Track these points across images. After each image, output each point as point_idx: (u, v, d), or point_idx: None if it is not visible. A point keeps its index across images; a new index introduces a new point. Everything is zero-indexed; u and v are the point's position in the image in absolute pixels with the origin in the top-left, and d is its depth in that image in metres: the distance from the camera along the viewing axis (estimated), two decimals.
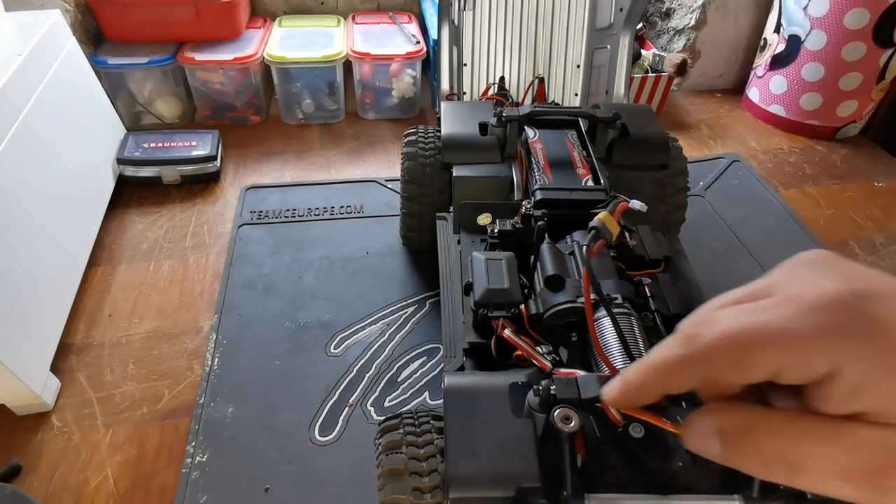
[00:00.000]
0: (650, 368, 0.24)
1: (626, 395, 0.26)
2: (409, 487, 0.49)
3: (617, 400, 0.26)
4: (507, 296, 0.59)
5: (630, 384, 0.25)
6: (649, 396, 0.25)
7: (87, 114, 1.12)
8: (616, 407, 0.27)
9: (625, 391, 0.26)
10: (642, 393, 0.25)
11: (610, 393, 0.26)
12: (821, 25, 1.33)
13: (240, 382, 0.85)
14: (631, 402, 0.26)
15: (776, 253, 1.11)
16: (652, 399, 0.25)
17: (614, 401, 0.26)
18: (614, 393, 0.26)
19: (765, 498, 0.39)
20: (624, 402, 0.26)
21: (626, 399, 0.26)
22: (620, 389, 0.26)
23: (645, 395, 0.25)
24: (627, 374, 0.25)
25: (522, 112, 0.84)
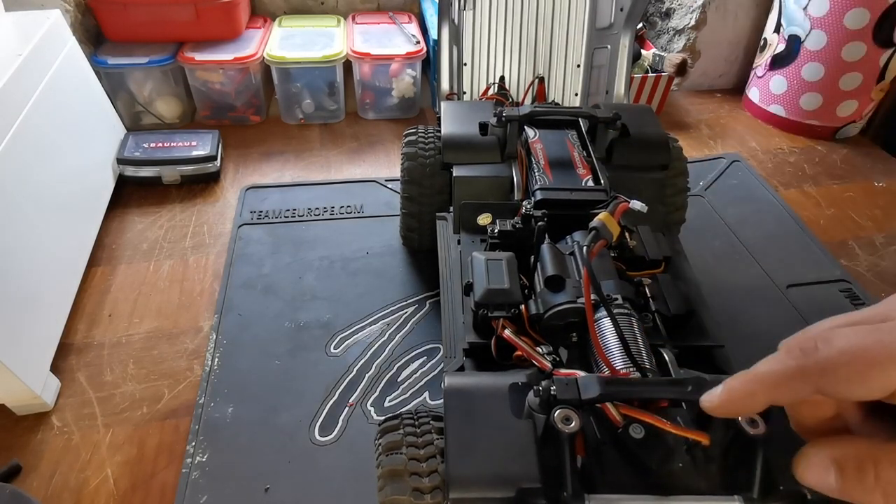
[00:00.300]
0: (760, 378, 0.25)
1: (730, 403, 0.26)
2: (409, 488, 0.48)
3: (717, 407, 0.27)
4: (508, 296, 0.59)
5: (736, 392, 0.26)
6: (754, 405, 0.25)
7: (87, 114, 1.12)
8: (714, 413, 0.27)
9: (729, 399, 0.26)
10: (748, 401, 0.25)
11: (711, 401, 0.27)
12: (821, 25, 1.33)
13: (240, 382, 0.85)
14: (732, 411, 0.26)
15: (776, 253, 1.11)
16: (755, 408, 0.25)
17: (714, 408, 0.27)
18: (716, 401, 0.26)
19: (765, 499, 0.39)
20: (724, 410, 0.26)
21: (729, 407, 0.26)
22: (724, 397, 0.26)
23: (751, 403, 0.25)
24: (732, 383, 0.26)
25: (522, 112, 0.84)
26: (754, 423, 0.39)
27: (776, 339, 0.30)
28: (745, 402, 0.26)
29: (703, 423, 0.42)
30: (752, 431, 0.38)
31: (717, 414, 0.27)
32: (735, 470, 0.40)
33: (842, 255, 1.13)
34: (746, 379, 0.25)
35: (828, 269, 1.08)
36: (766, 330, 0.94)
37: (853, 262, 1.11)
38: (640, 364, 0.48)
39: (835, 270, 1.08)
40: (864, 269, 1.10)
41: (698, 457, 0.41)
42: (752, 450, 0.39)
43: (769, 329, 0.94)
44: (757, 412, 0.27)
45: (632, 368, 0.48)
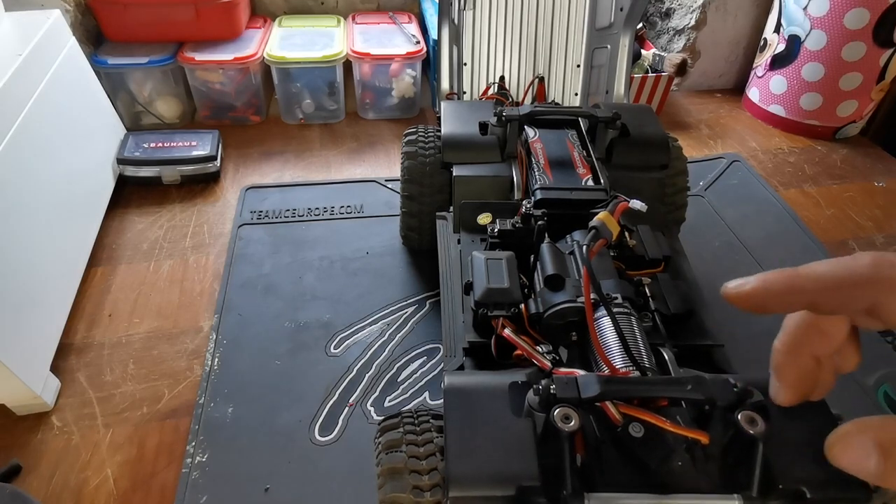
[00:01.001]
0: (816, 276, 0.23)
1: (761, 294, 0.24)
2: (408, 486, 0.48)
3: (744, 295, 0.24)
4: (507, 295, 0.59)
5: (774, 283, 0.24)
6: (790, 303, 0.24)
7: (87, 114, 1.12)
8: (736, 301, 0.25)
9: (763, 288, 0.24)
10: (787, 297, 0.24)
11: (739, 287, 0.25)
12: (821, 25, 1.33)
13: (240, 382, 0.85)
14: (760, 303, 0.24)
15: (776, 253, 1.11)
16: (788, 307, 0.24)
17: (740, 295, 0.25)
18: (746, 288, 0.25)
19: (764, 497, 0.39)
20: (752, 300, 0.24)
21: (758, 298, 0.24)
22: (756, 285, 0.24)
23: (787, 300, 0.24)
24: (769, 275, 0.24)
25: (522, 112, 0.84)
26: (754, 422, 0.39)
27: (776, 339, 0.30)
28: (781, 296, 0.24)
29: (703, 422, 0.42)
30: (751, 430, 0.38)
31: (737, 300, 0.25)
32: (734, 468, 0.40)
33: (842, 255, 1.12)
34: (793, 273, 0.24)
35: None
36: (766, 330, 0.93)
37: None
38: (639, 363, 0.48)
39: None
40: None
41: (698, 455, 0.41)
42: (751, 448, 0.39)
43: (769, 329, 0.93)
44: (782, 311, 0.24)
45: (631, 367, 0.48)
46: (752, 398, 0.40)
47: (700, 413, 0.42)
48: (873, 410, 0.84)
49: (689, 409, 0.43)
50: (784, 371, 0.27)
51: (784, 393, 0.27)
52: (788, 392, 0.27)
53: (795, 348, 0.26)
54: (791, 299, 0.25)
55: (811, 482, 0.38)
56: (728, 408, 0.40)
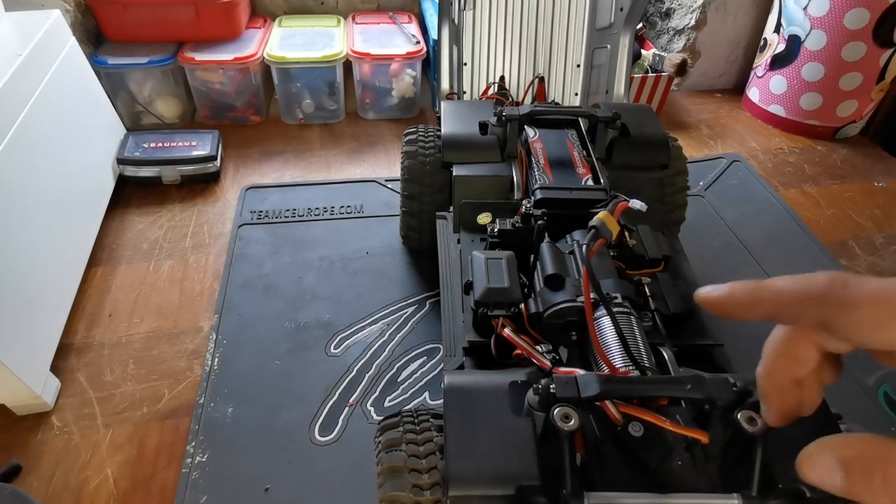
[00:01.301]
0: (776, 289, 0.25)
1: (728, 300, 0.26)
2: (408, 484, 0.49)
3: (711, 300, 0.27)
4: (507, 295, 0.59)
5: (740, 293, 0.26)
6: (753, 312, 0.26)
7: (87, 114, 1.12)
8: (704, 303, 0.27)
9: (729, 296, 0.26)
10: (749, 306, 0.26)
11: (708, 293, 0.27)
12: (821, 25, 1.33)
13: (240, 382, 0.85)
14: (725, 308, 0.27)
15: (776, 253, 1.11)
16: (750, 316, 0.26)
17: (707, 300, 0.27)
18: (714, 294, 0.27)
19: (764, 497, 0.39)
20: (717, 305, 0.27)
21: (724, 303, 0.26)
22: (724, 293, 0.26)
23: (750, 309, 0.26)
24: (737, 285, 0.26)
25: (522, 111, 0.84)
26: (753, 422, 0.39)
27: None
28: (744, 305, 0.26)
29: (703, 421, 0.42)
30: (751, 430, 0.38)
31: (707, 305, 0.27)
32: (734, 468, 0.40)
33: (842, 255, 1.13)
34: (756, 285, 0.26)
35: (828, 269, 1.08)
36: (765, 330, 0.93)
37: (853, 262, 1.11)
38: (639, 362, 0.48)
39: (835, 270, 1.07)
40: (864, 269, 1.10)
41: (697, 455, 0.41)
42: (751, 448, 0.39)
43: (769, 329, 0.93)
44: (745, 318, 0.27)
45: (631, 367, 0.48)
46: (751, 397, 0.40)
47: (700, 412, 0.42)
48: (873, 410, 0.84)
49: (688, 409, 0.43)
50: (767, 395, 0.29)
51: (771, 415, 0.30)
52: (775, 414, 0.30)
53: (773, 373, 0.28)
54: (752, 308, 0.27)
55: None
56: (728, 407, 0.40)
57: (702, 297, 0.28)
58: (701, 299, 0.28)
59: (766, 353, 0.28)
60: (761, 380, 0.29)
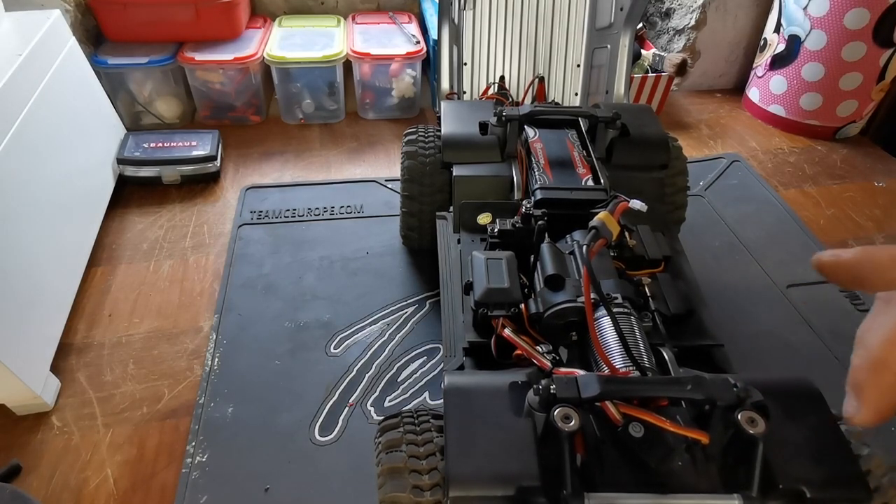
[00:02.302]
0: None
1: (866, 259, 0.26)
2: (408, 485, 0.49)
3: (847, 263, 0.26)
4: (507, 295, 0.59)
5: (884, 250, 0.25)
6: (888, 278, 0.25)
7: (87, 114, 1.12)
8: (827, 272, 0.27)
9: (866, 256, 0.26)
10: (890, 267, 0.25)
11: (837, 255, 0.26)
12: (821, 25, 1.33)
13: (240, 382, 0.85)
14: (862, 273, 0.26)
15: (776, 253, 1.11)
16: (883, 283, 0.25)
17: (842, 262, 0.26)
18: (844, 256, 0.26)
19: (764, 497, 0.39)
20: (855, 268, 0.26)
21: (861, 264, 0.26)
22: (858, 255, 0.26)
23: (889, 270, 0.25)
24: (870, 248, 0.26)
25: (522, 111, 0.84)
26: (754, 422, 0.39)
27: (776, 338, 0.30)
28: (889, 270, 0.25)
29: (703, 421, 0.42)
30: (751, 430, 0.38)
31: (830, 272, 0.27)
32: (734, 468, 0.40)
33: None
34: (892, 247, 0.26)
35: None
36: (765, 330, 0.94)
37: None
38: (639, 363, 0.48)
39: None
40: None
41: (698, 455, 0.41)
42: (751, 448, 0.39)
43: (769, 329, 0.94)
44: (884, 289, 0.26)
45: (631, 367, 0.48)
46: (751, 398, 0.40)
47: (700, 413, 0.42)
48: None
49: (689, 409, 0.43)
50: (867, 389, 0.26)
51: (865, 413, 0.26)
52: (870, 412, 0.26)
53: (881, 366, 0.25)
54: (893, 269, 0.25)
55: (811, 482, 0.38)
56: (728, 408, 0.40)
57: (828, 260, 0.26)
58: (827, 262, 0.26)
59: (874, 343, 0.25)
60: (861, 373, 0.26)
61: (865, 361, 0.25)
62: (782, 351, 0.91)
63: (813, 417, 0.42)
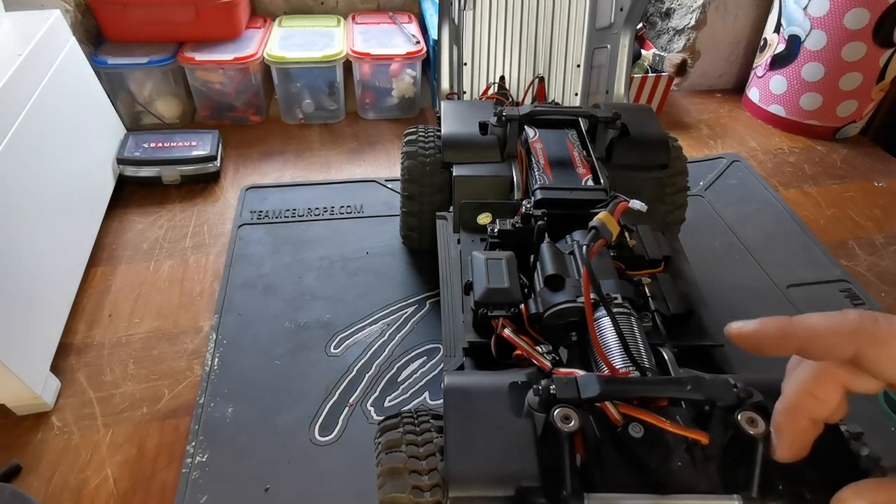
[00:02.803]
0: (807, 325, 0.26)
1: (759, 335, 0.27)
2: (408, 485, 0.49)
3: (742, 336, 0.27)
4: (507, 295, 0.59)
5: (771, 328, 0.27)
6: (783, 347, 0.26)
7: (87, 114, 1.12)
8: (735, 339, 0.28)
9: (760, 331, 0.27)
10: (780, 340, 0.27)
11: (740, 328, 0.28)
12: (821, 25, 1.33)
13: (240, 382, 0.85)
14: (755, 344, 0.27)
15: (776, 253, 1.11)
16: (780, 351, 0.26)
17: (738, 335, 0.27)
18: (746, 329, 0.27)
19: (764, 498, 0.39)
20: (749, 340, 0.27)
21: (755, 338, 0.27)
22: (755, 328, 0.27)
23: (780, 344, 0.27)
24: (768, 321, 0.27)
25: (523, 112, 0.84)
26: (754, 423, 0.39)
27: None
28: (776, 339, 0.27)
29: (703, 422, 0.42)
30: (751, 430, 0.38)
31: (738, 341, 0.28)
32: (734, 469, 0.40)
33: (842, 255, 1.13)
34: (787, 321, 0.26)
35: (828, 269, 1.08)
36: None
37: (853, 262, 1.11)
38: (639, 363, 0.48)
39: (835, 270, 1.08)
40: (863, 269, 1.10)
41: (697, 456, 0.41)
42: (751, 449, 0.39)
43: None
44: (775, 353, 0.27)
45: (631, 367, 0.48)
46: (751, 398, 0.40)
47: (700, 413, 0.42)
48: (873, 410, 0.84)
49: (688, 410, 0.43)
50: (783, 432, 0.30)
51: (782, 450, 0.30)
52: (786, 450, 0.30)
53: (794, 412, 0.29)
54: (784, 343, 0.27)
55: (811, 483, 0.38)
56: (728, 408, 0.40)
57: (733, 332, 0.28)
58: (732, 334, 0.28)
59: (789, 392, 0.28)
60: (780, 416, 0.29)
61: (780, 409, 0.29)
62: None
63: None
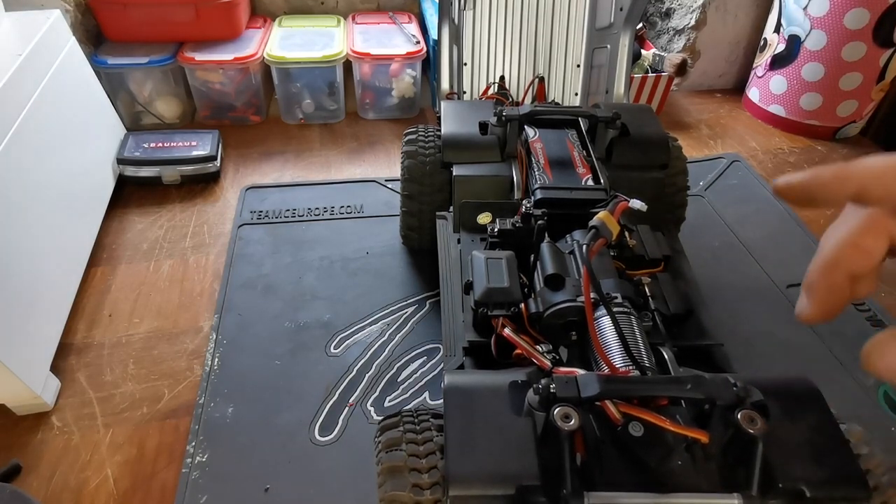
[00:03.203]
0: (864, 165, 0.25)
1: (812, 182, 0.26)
2: (408, 484, 0.49)
3: (795, 184, 0.26)
4: (507, 295, 0.59)
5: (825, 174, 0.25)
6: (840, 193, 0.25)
7: (87, 114, 1.12)
8: (788, 191, 0.27)
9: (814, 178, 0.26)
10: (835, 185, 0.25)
11: (791, 179, 0.27)
12: (821, 25, 1.33)
13: (240, 382, 0.85)
14: (809, 192, 0.26)
15: (776, 253, 1.11)
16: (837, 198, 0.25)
17: (791, 185, 0.27)
18: (799, 178, 0.26)
19: (764, 496, 0.39)
20: (801, 188, 0.26)
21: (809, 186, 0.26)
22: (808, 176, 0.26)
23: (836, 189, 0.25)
24: (818, 169, 0.26)
25: (523, 111, 0.84)
26: (754, 421, 0.39)
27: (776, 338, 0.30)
28: (830, 185, 0.25)
29: (703, 421, 0.42)
30: (751, 429, 0.38)
31: (787, 193, 0.27)
32: (734, 468, 0.40)
33: None
34: (842, 165, 0.25)
35: None
36: (765, 330, 0.94)
37: None
38: (639, 362, 0.48)
39: None
40: None
41: (697, 455, 0.41)
42: (751, 447, 0.39)
43: (769, 329, 0.94)
44: (830, 201, 0.26)
45: (631, 367, 0.48)
46: (751, 397, 0.40)
47: (700, 412, 0.42)
48: (873, 410, 0.84)
49: (688, 409, 0.43)
50: (818, 287, 0.27)
51: (812, 308, 0.27)
52: (816, 307, 0.27)
53: (834, 265, 0.26)
54: (840, 187, 0.26)
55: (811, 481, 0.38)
56: (728, 407, 0.40)
57: (781, 185, 0.27)
58: (781, 188, 0.27)
59: (832, 244, 0.26)
60: (816, 272, 0.27)
61: (819, 262, 0.27)
62: (782, 351, 0.91)
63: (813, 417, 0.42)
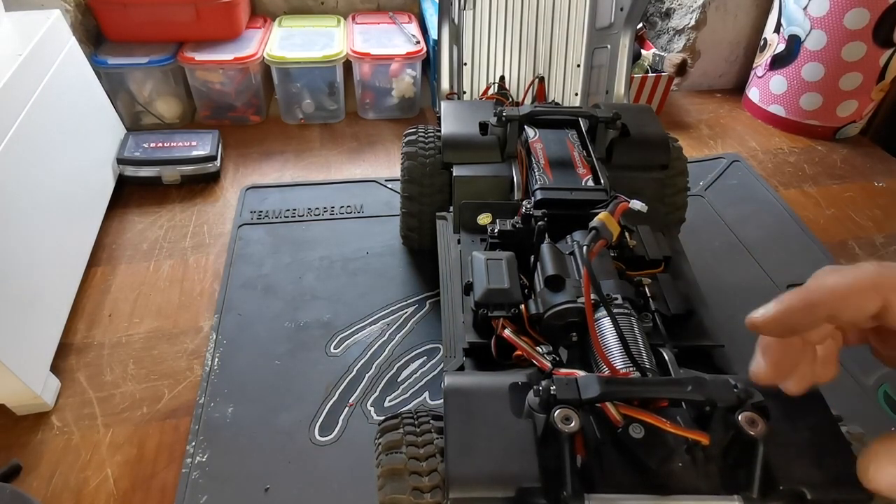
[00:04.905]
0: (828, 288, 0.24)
1: (785, 316, 0.25)
2: (408, 487, 0.48)
3: (767, 322, 0.25)
4: (507, 296, 0.59)
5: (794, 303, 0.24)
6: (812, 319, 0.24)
7: (87, 114, 1.12)
8: (762, 329, 0.26)
9: (786, 311, 0.25)
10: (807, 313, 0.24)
11: (763, 315, 0.26)
12: (821, 25, 1.33)
13: (240, 382, 0.85)
14: (785, 325, 0.25)
15: (776, 253, 1.11)
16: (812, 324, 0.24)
17: (764, 323, 0.25)
18: (769, 314, 0.25)
19: (765, 498, 0.39)
20: (776, 324, 0.25)
21: (783, 320, 0.25)
22: (778, 309, 0.25)
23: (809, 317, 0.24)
24: (786, 297, 0.25)
25: (523, 112, 0.84)
26: (754, 423, 0.39)
27: None
28: (803, 314, 0.25)
29: (703, 422, 0.42)
30: (752, 431, 0.38)
31: (766, 328, 0.26)
32: (735, 469, 0.40)
33: (842, 255, 1.13)
34: (805, 291, 0.24)
35: None
36: None
37: (853, 262, 1.11)
38: (639, 364, 0.48)
39: None
40: None
41: (698, 456, 0.41)
42: (752, 449, 0.39)
43: None
44: (808, 330, 0.25)
45: (632, 368, 0.48)
46: (752, 399, 0.40)
47: (700, 414, 0.42)
48: (873, 410, 0.84)
49: (689, 410, 0.43)
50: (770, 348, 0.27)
51: (765, 371, 0.28)
52: (770, 370, 0.28)
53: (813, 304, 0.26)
54: (812, 313, 0.25)
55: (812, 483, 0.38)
56: (728, 409, 0.40)
57: (758, 320, 0.26)
58: (757, 323, 0.26)
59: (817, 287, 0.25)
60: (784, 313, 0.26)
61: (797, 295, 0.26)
62: None
63: (813, 418, 0.42)
